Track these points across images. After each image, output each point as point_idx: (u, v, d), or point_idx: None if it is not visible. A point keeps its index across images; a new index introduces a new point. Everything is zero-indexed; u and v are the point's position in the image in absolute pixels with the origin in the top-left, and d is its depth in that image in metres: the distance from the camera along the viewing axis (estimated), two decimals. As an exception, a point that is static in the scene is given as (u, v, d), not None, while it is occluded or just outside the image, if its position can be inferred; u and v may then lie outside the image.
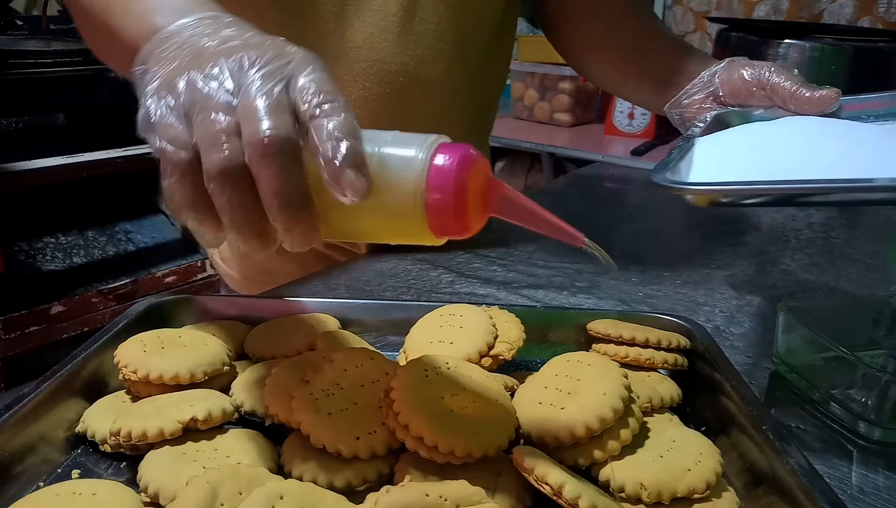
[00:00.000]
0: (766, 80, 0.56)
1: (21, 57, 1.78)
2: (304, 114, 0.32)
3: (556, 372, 0.43)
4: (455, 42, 0.69)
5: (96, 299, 1.84)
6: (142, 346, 0.46)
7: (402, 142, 0.32)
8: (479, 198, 0.32)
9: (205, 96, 0.32)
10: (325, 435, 0.38)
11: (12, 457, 0.39)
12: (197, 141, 0.32)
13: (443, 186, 0.31)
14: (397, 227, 0.33)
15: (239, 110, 0.32)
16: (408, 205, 0.31)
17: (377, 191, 0.31)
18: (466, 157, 0.31)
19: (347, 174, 0.30)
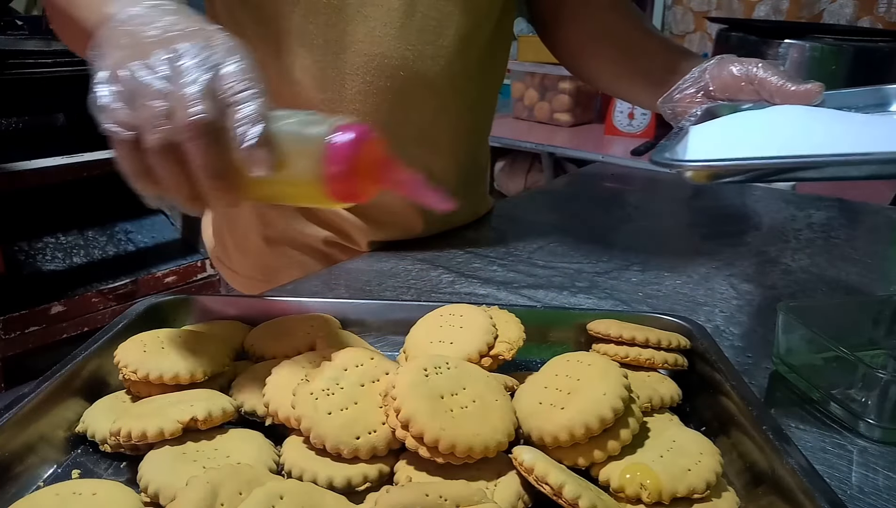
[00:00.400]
0: (753, 75, 0.59)
1: (21, 57, 1.78)
2: (224, 100, 0.38)
3: (556, 372, 0.43)
4: (455, 38, 0.70)
5: (96, 299, 1.84)
6: (142, 346, 0.46)
7: (310, 122, 0.39)
8: (371, 171, 0.39)
9: (143, 84, 0.38)
10: (325, 435, 0.38)
11: (12, 457, 0.39)
12: (139, 123, 0.38)
13: (338, 159, 0.38)
14: (303, 193, 0.40)
15: (172, 97, 0.38)
16: (309, 175, 0.38)
17: (286, 164, 0.38)
18: (361, 135, 0.38)
19: (255, 153, 0.37)
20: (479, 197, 0.90)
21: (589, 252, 0.81)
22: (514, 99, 2.37)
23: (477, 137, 0.84)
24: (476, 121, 0.82)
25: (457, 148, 0.78)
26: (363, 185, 0.39)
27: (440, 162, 0.77)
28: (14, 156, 1.69)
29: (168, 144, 0.38)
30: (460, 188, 0.82)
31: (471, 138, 0.81)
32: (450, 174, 0.79)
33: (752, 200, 1.11)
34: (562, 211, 1.01)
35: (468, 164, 0.82)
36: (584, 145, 2.07)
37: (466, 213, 0.87)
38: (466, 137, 0.80)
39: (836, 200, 1.10)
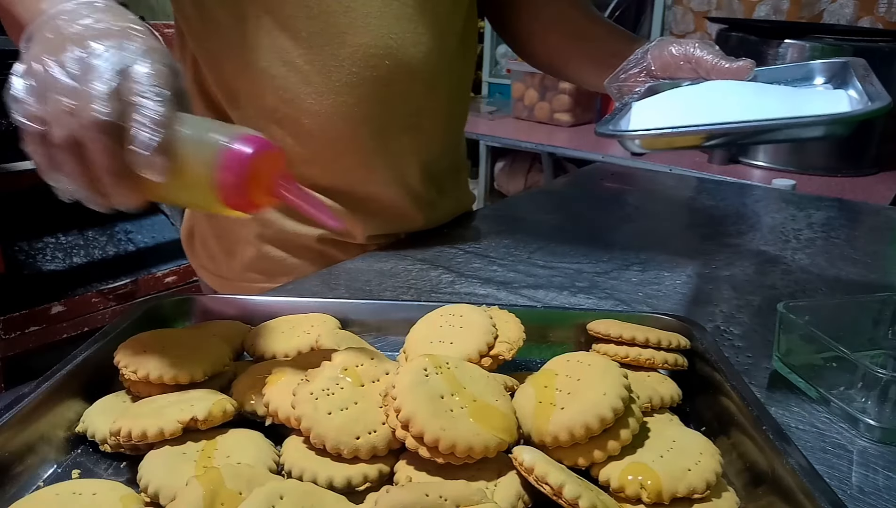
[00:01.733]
0: (691, 55, 0.63)
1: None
2: (128, 102, 0.38)
3: (556, 372, 0.43)
4: (433, 25, 0.72)
5: (96, 299, 1.84)
6: (142, 346, 0.46)
7: (213, 129, 0.40)
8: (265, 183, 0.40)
9: (54, 80, 0.39)
10: (325, 435, 0.38)
11: (12, 457, 0.39)
12: (47, 118, 0.39)
13: (231, 168, 0.38)
14: (198, 198, 0.41)
15: (79, 94, 0.38)
16: (202, 181, 0.39)
17: (183, 169, 0.39)
18: (258, 147, 0.39)
19: (150, 158, 0.38)
20: (464, 189, 0.92)
21: (589, 252, 0.81)
22: (514, 99, 2.37)
23: (457, 126, 0.86)
24: (456, 110, 0.84)
25: (441, 135, 0.80)
26: (255, 196, 0.40)
27: (427, 148, 0.79)
28: (14, 156, 1.69)
29: (72, 141, 0.39)
30: (446, 175, 0.84)
31: (452, 126, 0.83)
32: (436, 161, 0.80)
33: (752, 200, 1.11)
34: (562, 211, 1.01)
35: (452, 152, 0.85)
36: (584, 145, 2.07)
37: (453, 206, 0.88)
38: (449, 124, 0.82)
39: (836, 200, 1.10)
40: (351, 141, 0.72)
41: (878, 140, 1.78)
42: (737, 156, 1.83)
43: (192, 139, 0.39)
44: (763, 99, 0.54)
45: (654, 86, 0.64)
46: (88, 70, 0.39)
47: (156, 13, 3.03)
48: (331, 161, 0.73)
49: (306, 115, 0.70)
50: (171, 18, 0.77)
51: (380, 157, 0.74)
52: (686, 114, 0.54)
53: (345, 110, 0.70)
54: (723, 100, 0.55)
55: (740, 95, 0.55)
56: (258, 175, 0.39)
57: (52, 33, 0.41)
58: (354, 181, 0.75)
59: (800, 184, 1.58)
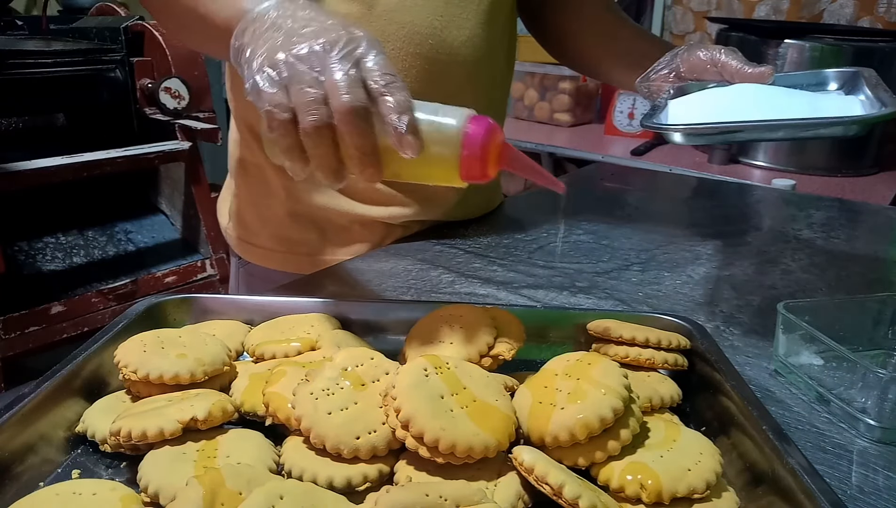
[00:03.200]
0: (717, 59, 0.68)
1: (21, 57, 1.78)
2: (374, 90, 0.43)
3: (556, 372, 0.43)
4: (478, 12, 0.75)
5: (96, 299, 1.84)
6: (142, 346, 0.46)
7: (445, 112, 0.45)
8: (495, 154, 0.45)
9: (299, 73, 0.43)
10: (325, 435, 0.38)
11: (12, 457, 0.39)
12: (295, 106, 0.43)
13: (472, 145, 0.44)
14: (437, 173, 0.46)
15: (326, 85, 0.43)
16: (448, 158, 0.44)
17: (426, 148, 0.44)
18: (489, 127, 0.44)
19: (407, 139, 0.43)
20: (495, 184, 0.95)
21: (589, 252, 0.81)
22: (514, 99, 2.37)
23: (498, 106, 0.88)
24: (496, 98, 0.86)
25: None
26: (489, 167, 0.45)
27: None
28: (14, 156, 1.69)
29: (323, 126, 0.43)
30: None
31: (492, 106, 0.85)
32: None
33: (752, 200, 1.11)
34: (562, 211, 1.01)
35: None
36: (584, 145, 2.07)
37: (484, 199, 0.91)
38: (488, 105, 0.83)
39: (836, 200, 1.10)
40: None
41: (878, 140, 1.78)
42: (737, 156, 1.83)
43: (430, 122, 0.44)
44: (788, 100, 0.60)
45: (683, 87, 0.70)
46: (329, 61, 0.43)
47: (156, 13, 3.03)
48: None
49: None
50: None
51: None
52: (721, 111, 0.60)
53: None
54: (752, 100, 0.61)
55: (767, 97, 0.61)
56: (490, 148, 0.44)
57: (274, 30, 0.46)
58: None
59: (800, 184, 1.58)
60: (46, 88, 1.89)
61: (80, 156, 1.76)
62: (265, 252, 0.83)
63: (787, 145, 1.78)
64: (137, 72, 1.98)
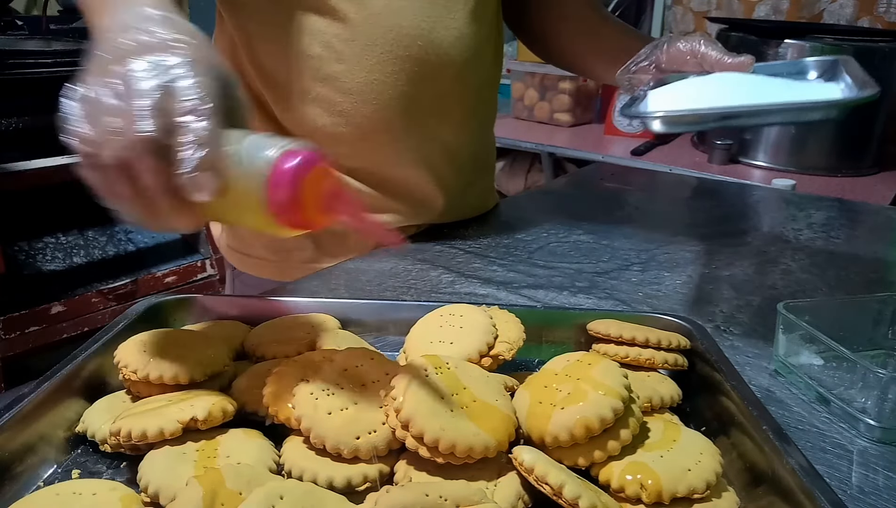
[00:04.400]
0: (697, 50, 0.68)
1: (21, 57, 1.78)
2: (174, 118, 0.37)
3: (556, 371, 0.43)
4: (466, 12, 0.74)
5: (96, 299, 1.84)
6: (142, 346, 0.46)
7: (260, 145, 0.37)
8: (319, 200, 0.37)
9: (99, 100, 0.38)
10: (325, 435, 0.38)
11: (12, 457, 0.39)
12: (96, 139, 0.38)
13: (281, 185, 0.36)
14: (250, 217, 0.38)
15: (123, 113, 0.37)
16: (253, 200, 0.37)
17: (232, 188, 0.37)
18: (307, 161, 0.36)
19: (197, 179, 0.36)
20: (488, 186, 0.94)
21: (589, 252, 0.81)
22: (514, 99, 2.37)
23: (485, 116, 0.88)
24: (486, 98, 0.86)
25: (470, 122, 0.82)
26: (309, 214, 0.37)
27: (455, 135, 0.80)
28: (14, 156, 1.69)
29: (121, 162, 0.37)
30: (472, 166, 0.86)
31: (479, 114, 0.85)
32: (463, 148, 0.82)
33: (752, 200, 1.11)
34: (562, 211, 1.01)
35: (478, 142, 0.86)
36: (584, 145, 2.07)
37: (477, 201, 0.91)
38: (478, 112, 0.84)
39: (836, 200, 1.10)
40: (380, 119, 0.73)
41: (878, 140, 1.78)
42: (737, 156, 1.83)
43: (239, 155, 0.37)
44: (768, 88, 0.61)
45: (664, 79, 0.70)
46: (131, 88, 0.38)
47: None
48: (359, 140, 0.74)
49: (339, 94, 0.72)
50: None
51: (407, 138, 0.76)
52: (700, 99, 0.61)
53: (376, 88, 0.72)
54: (731, 87, 0.62)
55: (747, 84, 0.62)
56: (312, 190, 0.36)
57: (106, 52, 0.40)
58: (381, 161, 0.77)
59: (800, 184, 1.58)
60: (46, 88, 1.88)
61: (80, 156, 1.76)
62: (260, 262, 0.82)
63: (787, 145, 1.78)
64: (137, 72, 1.97)
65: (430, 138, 0.78)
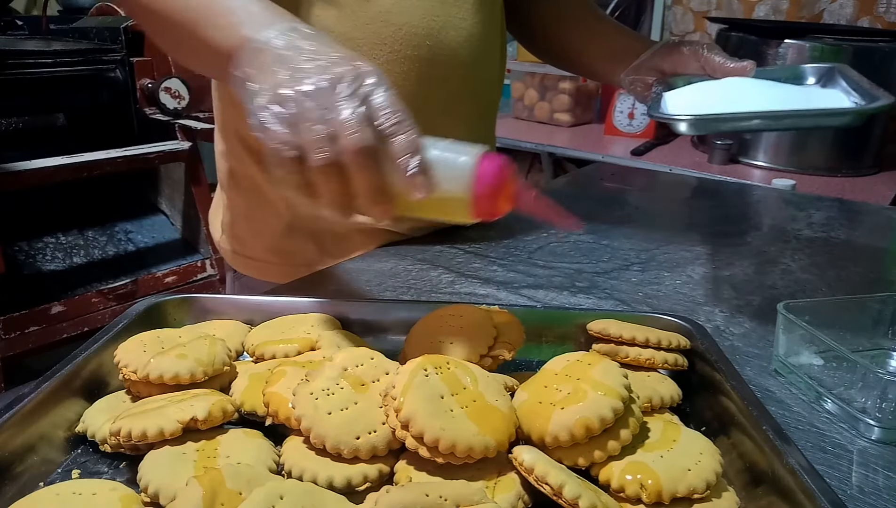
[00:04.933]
0: (699, 54, 0.70)
1: (21, 57, 1.78)
2: (383, 129, 0.43)
3: (556, 371, 0.43)
4: (474, 11, 0.74)
5: (96, 299, 1.84)
6: (142, 346, 0.46)
7: (458, 150, 0.45)
8: (507, 192, 0.44)
9: (306, 110, 0.43)
10: (325, 435, 0.38)
11: (12, 457, 0.39)
12: (303, 144, 0.42)
13: (485, 183, 0.43)
14: (450, 210, 0.46)
15: (334, 123, 0.42)
16: (460, 197, 0.44)
17: (438, 186, 0.43)
18: (501, 165, 0.44)
19: (416, 180, 0.42)
20: None
21: (589, 252, 0.81)
22: (514, 99, 2.37)
23: (491, 115, 0.88)
24: (492, 100, 0.86)
25: (477, 121, 0.82)
26: (501, 205, 0.44)
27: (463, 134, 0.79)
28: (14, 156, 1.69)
29: (331, 164, 0.42)
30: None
31: (487, 114, 0.85)
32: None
33: (752, 200, 1.11)
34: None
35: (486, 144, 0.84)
36: (584, 145, 2.07)
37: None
38: (485, 112, 0.84)
39: (836, 200, 1.10)
40: None
41: (878, 140, 1.78)
42: (737, 156, 1.83)
43: (441, 160, 0.44)
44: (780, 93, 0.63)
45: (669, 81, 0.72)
46: (336, 98, 0.42)
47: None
48: None
49: None
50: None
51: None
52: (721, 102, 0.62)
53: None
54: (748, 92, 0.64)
55: (760, 89, 0.64)
56: (502, 186, 0.44)
57: (279, 63, 0.45)
58: None
59: (800, 184, 1.58)
60: (46, 88, 1.89)
61: (80, 156, 1.76)
62: (261, 264, 0.82)
63: (787, 145, 1.78)
64: (137, 72, 1.98)
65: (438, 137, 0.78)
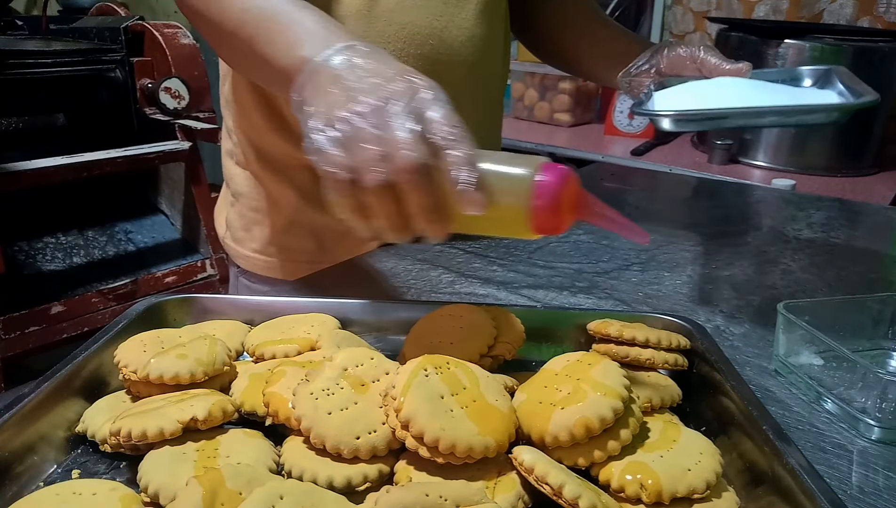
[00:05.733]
0: (697, 56, 0.70)
1: (21, 57, 1.78)
2: (436, 143, 0.41)
3: (556, 371, 0.43)
4: (478, 11, 0.74)
5: (96, 299, 1.84)
6: (142, 346, 0.46)
7: (516, 162, 0.42)
8: (570, 204, 0.41)
9: (358, 130, 0.42)
10: (325, 435, 0.38)
11: (12, 457, 0.39)
12: (356, 166, 0.41)
13: (545, 196, 0.40)
14: (507, 226, 0.43)
15: (386, 142, 0.41)
16: (517, 210, 0.41)
17: (494, 200, 0.41)
18: (564, 175, 0.41)
19: (470, 196, 0.41)
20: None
21: (589, 252, 0.81)
22: (514, 99, 2.37)
23: (495, 116, 0.88)
24: (495, 99, 0.86)
25: (481, 121, 0.81)
26: (564, 219, 0.42)
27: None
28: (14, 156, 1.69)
29: (385, 184, 0.41)
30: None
31: (490, 115, 0.85)
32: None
33: (752, 200, 1.11)
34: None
35: (488, 142, 0.85)
36: (584, 145, 2.07)
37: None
38: (488, 112, 0.83)
39: (836, 200, 1.10)
40: None
41: (878, 140, 1.78)
42: (737, 156, 1.83)
43: (498, 173, 0.42)
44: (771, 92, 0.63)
45: (664, 82, 0.72)
46: (389, 117, 0.41)
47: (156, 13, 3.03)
48: None
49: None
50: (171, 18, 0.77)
51: None
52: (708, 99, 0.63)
53: None
54: (737, 90, 0.64)
55: (751, 88, 0.64)
56: (564, 198, 0.41)
57: (334, 84, 0.44)
58: None
59: (800, 184, 1.58)
60: (46, 88, 1.89)
61: (80, 156, 1.76)
62: (263, 261, 0.82)
63: (787, 145, 1.78)
64: (137, 72, 1.98)
65: None
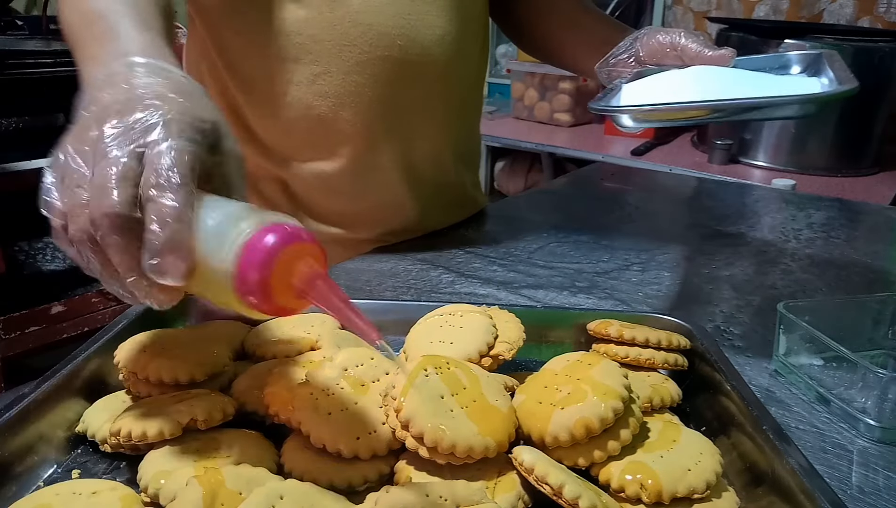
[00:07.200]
0: (677, 43, 0.65)
1: (21, 57, 1.78)
2: (144, 190, 0.33)
3: (556, 371, 0.43)
4: (448, 9, 0.72)
5: (96, 299, 1.84)
6: (142, 346, 0.46)
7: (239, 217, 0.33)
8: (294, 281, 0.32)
9: (71, 169, 0.34)
10: (326, 435, 0.38)
11: (12, 457, 0.39)
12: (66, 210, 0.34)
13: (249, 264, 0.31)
14: (223, 298, 0.33)
15: (92, 183, 0.33)
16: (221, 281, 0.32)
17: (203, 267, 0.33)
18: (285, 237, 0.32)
19: (160, 264, 0.32)
20: (474, 183, 0.92)
21: (589, 252, 0.81)
22: (514, 99, 2.37)
23: (471, 114, 0.86)
24: (471, 100, 0.85)
25: (454, 122, 0.80)
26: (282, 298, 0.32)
27: (438, 134, 0.78)
28: (14, 157, 1.69)
29: (87, 237, 0.34)
30: (455, 165, 0.84)
31: (465, 114, 0.83)
32: (446, 148, 0.80)
33: (752, 200, 1.11)
34: (562, 211, 1.01)
35: (463, 142, 0.85)
36: (584, 145, 2.07)
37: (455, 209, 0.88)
38: (461, 112, 0.82)
39: (836, 200, 1.10)
40: (360, 123, 0.71)
41: (878, 140, 1.78)
42: (737, 156, 1.83)
43: (212, 230, 0.33)
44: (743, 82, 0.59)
45: (642, 72, 0.68)
46: (100, 155, 0.34)
47: (156, 13, 3.02)
48: (338, 144, 0.72)
49: (316, 97, 0.70)
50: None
51: (389, 141, 0.74)
52: (673, 92, 0.58)
53: (354, 90, 0.70)
54: (706, 82, 0.60)
55: (723, 79, 0.60)
56: (285, 273, 0.31)
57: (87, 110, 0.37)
58: (360, 166, 0.74)
59: (800, 184, 1.58)
60: (46, 88, 1.89)
61: (80, 156, 1.76)
62: None
63: (787, 145, 1.78)
64: (137, 72, 1.97)
65: (411, 140, 0.76)
